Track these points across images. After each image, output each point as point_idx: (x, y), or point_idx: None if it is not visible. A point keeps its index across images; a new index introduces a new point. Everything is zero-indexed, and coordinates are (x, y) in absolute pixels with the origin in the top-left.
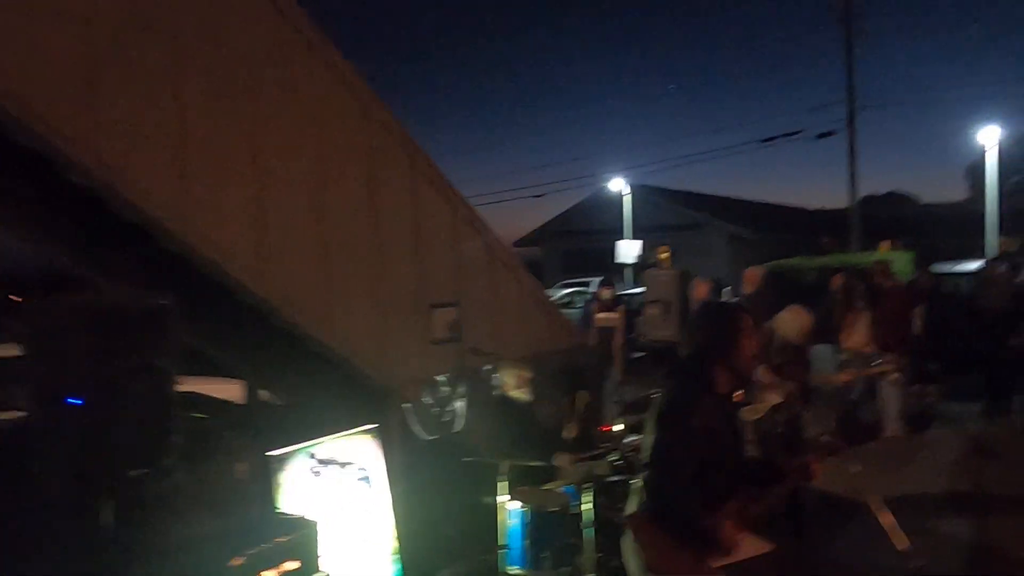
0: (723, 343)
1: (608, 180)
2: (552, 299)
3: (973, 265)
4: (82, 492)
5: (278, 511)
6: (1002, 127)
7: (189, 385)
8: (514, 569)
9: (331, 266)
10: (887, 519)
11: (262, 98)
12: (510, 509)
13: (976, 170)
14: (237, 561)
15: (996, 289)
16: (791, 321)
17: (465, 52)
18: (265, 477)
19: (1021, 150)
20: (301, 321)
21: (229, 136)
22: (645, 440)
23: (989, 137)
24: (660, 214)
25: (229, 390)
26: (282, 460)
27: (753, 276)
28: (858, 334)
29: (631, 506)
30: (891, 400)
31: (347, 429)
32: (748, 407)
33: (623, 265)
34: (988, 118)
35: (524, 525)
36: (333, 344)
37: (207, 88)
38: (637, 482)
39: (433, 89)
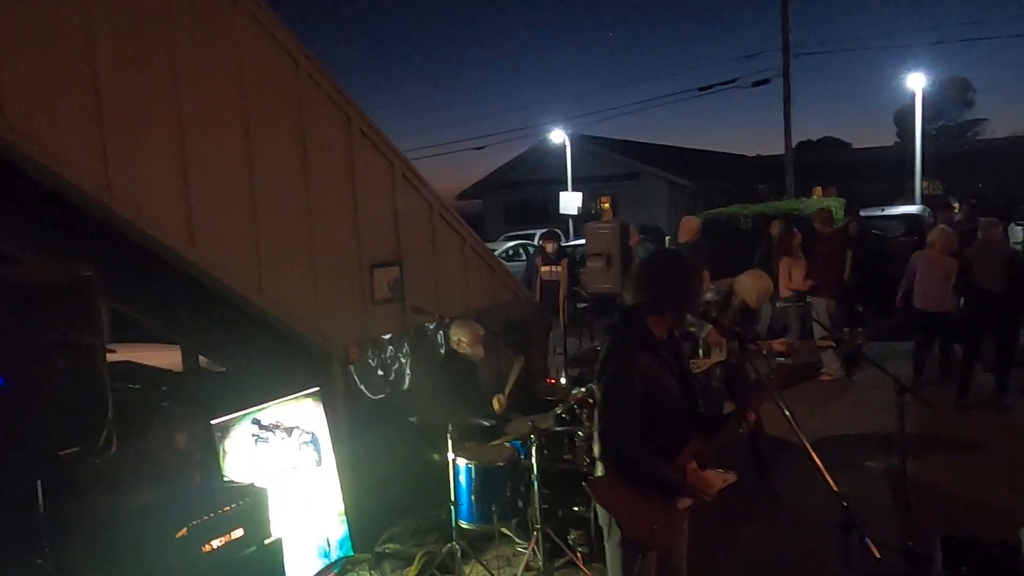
0: (665, 296)
1: (549, 131)
2: (496, 252)
3: (901, 208)
4: (11, 475)
5: (225, 479)
6: (928, 74)
7: (124, 354)
8: (464, 523)
9: (262, 227)
10: (819, 462)
11: (180, 53)
12: (457, 465)
13: (904, 116)
14: (182, 532)
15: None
16: (751, 285)
17: (401, 3)
18: (209, 446)
19: (946, 95)
20: (233, 285)
21: (147, 95)
22: (596, 398)
23: (915, 83)
24: (601, 164)
25: (167, 358)
26: (226, 427)
27: (689, 225)
28: (795, 280)
29: (597, 471)
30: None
31: (291, 393)
32: (692, 361)
33: (567, 216)
34: (915, 65)
35: (471, 480)
36: (269, 307)
37: (119, 43)
38: (594, 446)
39: (368, 42)
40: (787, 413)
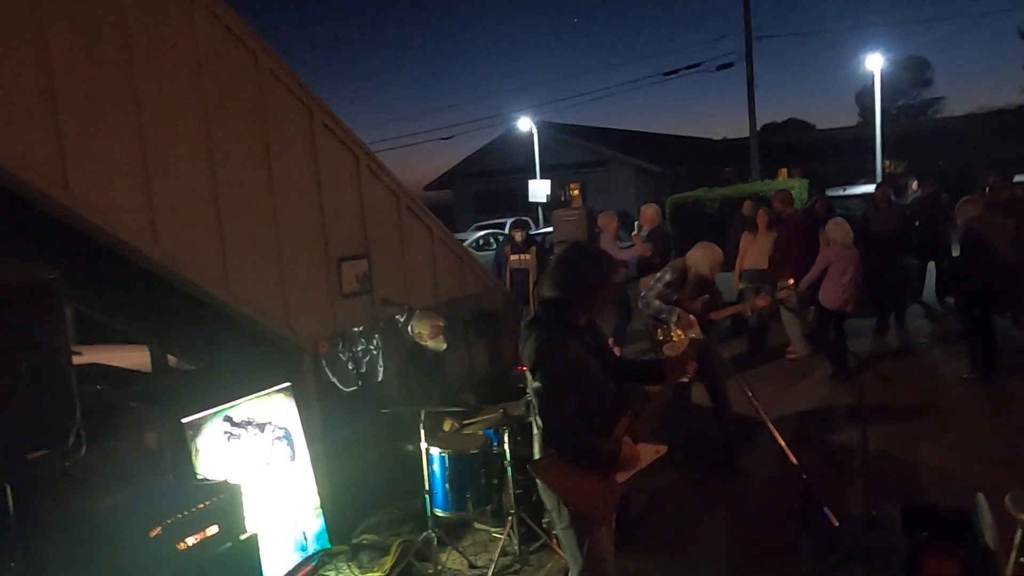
0: (581, 287)
1: (516, 119)
2: (467, 241)
3: (862, 188)
4: None
5: (198, 478)
6: (887, 54)
7: (91, 356)
8: (439, 512)
9: (226, 224)
10: (780, 439)
11: (136, 49)
12: (431, 455)
13: (865, 96)
14: (156, 531)
15: (883, 213)
16: (703, 257)
17: None
18: (180, 445)
19: (907, 75)
20: (199, 282)
21: (103, 92)
22: (530, 382)
23: (874, 64)
24: (568, 151)
25: (135, 358)
26: (197, 426)
27: (647, 213)
28: (750, 257)
29: (535, 450)
30: (791, 323)
31: (262, 389)
32: (668, 344)
33: (536, 204)
34: (874, 46)
35: (446, 469)
36: (236, 304)
37: (73, 40)
38: (535, 427)
39: (332, 33)
40: (749, 392)
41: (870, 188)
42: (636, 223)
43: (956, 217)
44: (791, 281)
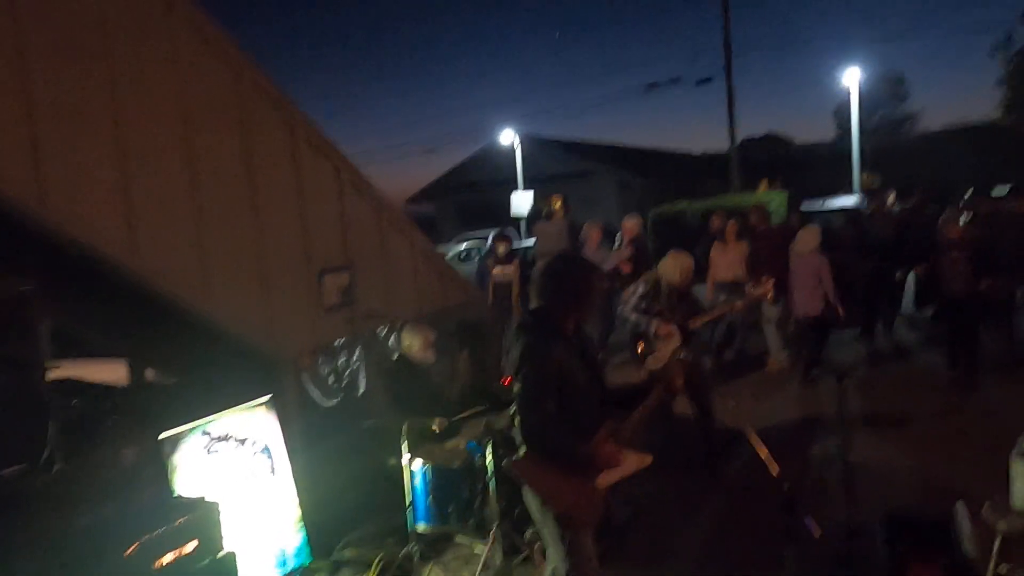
0: (569, 296)
1: (498, 132)
2: (450, 254)
3: (840, 201)
4: None
5: (175, 494)
6: (864, 69)
7: (68, 371)
8: (422, 526)
9: (207, 235)
10: (762, 449)
11: (117, 62)
12: (413, 468)
13: (842, 111)
14: (132, 548)
15: (878, 221)
16: (673, 265)
17: (347, 5)
18: (158, 460)
19: (883, 90)
20: (179, 295)
21: (84, 104)
22: (514, 390)
23: (851, 79)
24: (551, 164)
25: (113, 373)
26: (175, 441)
27: (627, 226)
28: (719, 268)
29: (519, 453)
30: (772, 332)
31: (242, 403)
32: (651, 357)
33: (519, 217)
34: (851, 61)
35: (428, 482)
36: (216, 317)
37: (54, 53)
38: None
39: (315, 46)
40: (731, 402)
41: (848, 201)
42: (618, 235)
43: (941, 230)
44: (768, 281)
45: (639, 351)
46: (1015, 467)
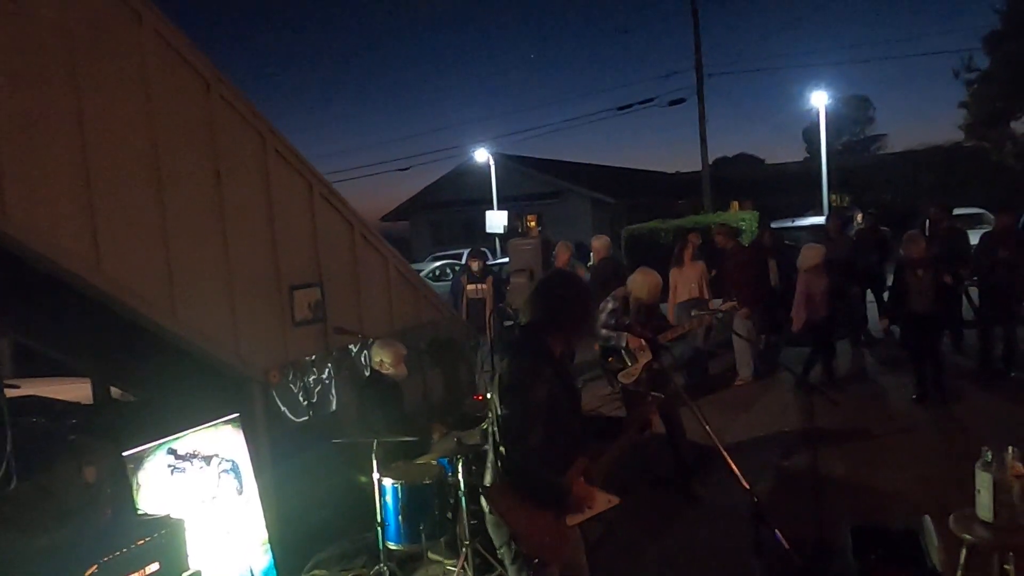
0: (564, 315)
1: (473, 151)
2: (424, 272)
3: (809, 220)
4: None
5: (139, 513)
6: (831, 92)
7: (31, 389)
8: (393, 544)
9: (174, 250)
10: (730, 463)
11: (81, 71)
12: (384, 486)
13: (811, 132)
14: (91, 570)
15: (835, 242)
16: (641, 281)
17: (323, 25)
18: (120, 478)
19: (850, 112)
20: (144, 310)
21: (45, 114)
22: (491, 412)
23: (819, 101)
24: (525, 183)
25: (77, 391)
26: (139, 459)
27: (596, 245)
28: (690, 284)
29: (487, 478)
30: (741, 349)
31: (209, 420)
32: (623, 372)
33: (493, 235)
34: (819, 84)
35: (398, 500)
36: (183, 332)
37: (14, 59)
38: (489, 454)
39: (290, 65)
40: (699, 414)
41: (817, 220)
42: (591, 253)
43: (902, 249)
44: (733, 303)
45: (612, 367)
46: (979, 478)
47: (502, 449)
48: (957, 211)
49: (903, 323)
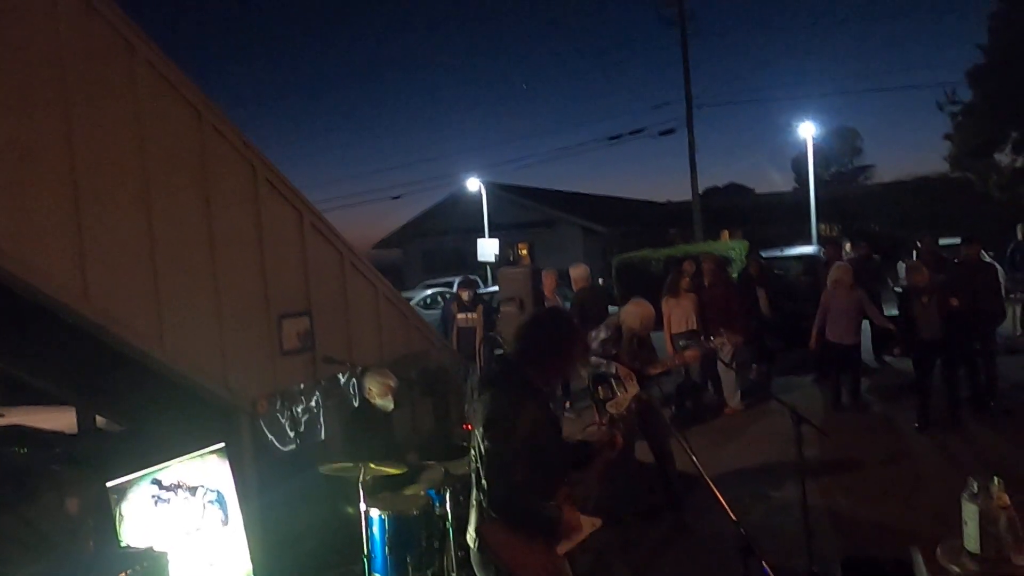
0: (548, 354)
1: (464, 180)
2: (415, 300)
3: (798, 249)
4: None
5: (122, 545)
6: (819, 124)
7: (15, 418)
8: None
9: (163, 279)
10: (718, 494)
11: (72, 101)
12: (371, 517)
13: (800, 163)
14: None
15: (822, 272)
16: (634, 312)
17: (315, 53)
18: (103, 510)
19: (839, 143)
20: (132, 339)
21: (36, 144)
22: (473, 448)
23: (807, 132)
24: (516, 212)
25: (62, 420)
26: (123, 490)
27: (575, 273)
28: (685, 314)
29: (473, 518)
30: (728, 379)
31: (194, 450)
32: (611, 402)
33: (485, 264)
34: (808, 115)
35: (385, 532)
36: (171, 362)
37: (7, 92)
38: (473, 493)
39: (282, 92)
40: (686, 445)
41: (807, 249)
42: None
43: (905, 279)
44: (722, 339)
45: (600, 396)
46: (966, 509)
47: (484, 483)
48: (943, 241)
49: (914, 351)
